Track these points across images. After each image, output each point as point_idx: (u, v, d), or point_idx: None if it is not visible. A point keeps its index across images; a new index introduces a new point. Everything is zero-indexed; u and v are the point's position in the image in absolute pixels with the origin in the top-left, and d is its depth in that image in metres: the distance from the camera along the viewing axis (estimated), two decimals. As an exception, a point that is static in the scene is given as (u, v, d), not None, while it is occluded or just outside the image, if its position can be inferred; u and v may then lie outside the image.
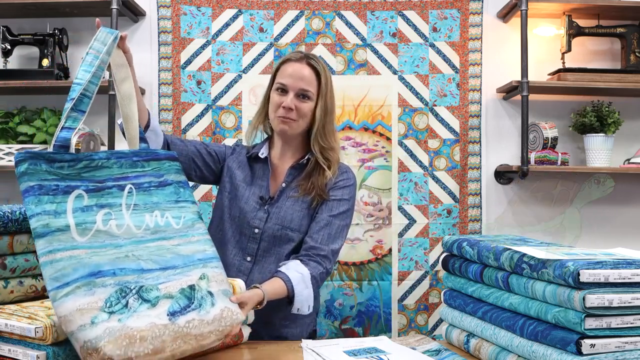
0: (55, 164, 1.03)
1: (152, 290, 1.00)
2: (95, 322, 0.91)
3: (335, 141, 1.62)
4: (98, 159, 1.09)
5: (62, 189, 1.01)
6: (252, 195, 1.63)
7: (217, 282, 1.10)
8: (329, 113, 1.60)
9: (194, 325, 1.01)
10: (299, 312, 1.49)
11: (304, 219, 1.58)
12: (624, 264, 0.95)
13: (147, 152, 1.20)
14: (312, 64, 1.59)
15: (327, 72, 1.61)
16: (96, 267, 0.97)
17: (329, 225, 1.56)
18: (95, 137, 2.43)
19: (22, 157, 1.01)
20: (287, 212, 1.58)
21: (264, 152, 1.67)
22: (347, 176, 1.64)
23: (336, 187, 1.61)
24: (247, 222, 1.60)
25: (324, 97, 1.58)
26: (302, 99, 1.57)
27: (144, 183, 1.14)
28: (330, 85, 1.61)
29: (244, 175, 1.67)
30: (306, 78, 1.57)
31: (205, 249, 1.14)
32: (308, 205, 1.59)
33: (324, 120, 1.59)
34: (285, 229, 1.57)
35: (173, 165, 1.23)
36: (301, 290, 1.46)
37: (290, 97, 1.56)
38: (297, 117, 1.57)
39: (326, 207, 1.59)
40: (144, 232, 1.08)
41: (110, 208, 1.06)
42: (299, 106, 1.56)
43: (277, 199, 1.61)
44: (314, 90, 1.57)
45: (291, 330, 1.58)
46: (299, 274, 1.47)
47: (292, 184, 1.62)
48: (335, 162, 1.61)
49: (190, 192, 1.23)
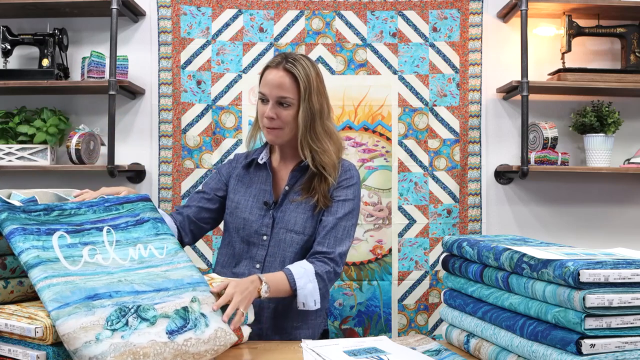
0: (32, 214, 1.09)
1: (150, 310, 1.03)
2: (100, 339, 0.94)
3: (329, 143, 1.57)
4: (69, 209, 1.15)
5: (44, 231, 1.06)
6: (256, 202, 1.62)
7: (208, 305, 1.14)
8: (317, 114, 1.55)
9: (191, 343, 1.04)
10: (305, 307, 1.48)
11: (308, 221, 1.58)
12: (624, 264, 0.95)
13: (118, 198, 1.25)
14: (288, 68, 1.53)
15: (310, 73, 1.54)
16: (92, 290, 1.00)
17: (334, 228, 1.56)
18: (95, 137, 2.43)
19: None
20: (292, 215, 1.58)
21: (263, 158, 1.66)
22: (350, 174, 1.63)
23: (340, 187, 1.60)
24: (255, 231, 1.59)
25: (306, 100, 1.53)
26: (283, 107, 1.54)
27: (120, 224, 1.19)
28: (316, 86, 1.55)
29: (245, 186, 1.66)
30: (283, 85, 1.52)
31: (192, 274, 1.18)
32: (312, 208, 1.58)
33: (309, 123, 1.54)
34: (290, 232, 1.57)
35: (147, 205, 1.27)
36: (304, 283, 1.46)
37: (269, 106, 1.54)
38: (282, 125, 1.55)
39: (331, 209, 1.58)
40: (131, 263, 1.12)
41: (94, 245, 1.11)
42: (280, 114, 1.54)
43: (280, 203, 1.60)
44: (292, 95, 1.53)
45: (303, 331, 1.58)
46: (302, 269, 1.48)
47: (295, 187, 1.61)
48: (330, 166, 1.57)
49: (168, 227, 1.26)
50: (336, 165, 1.59)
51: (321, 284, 1.50)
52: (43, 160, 2.38)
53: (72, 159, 2.34)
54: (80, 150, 2.33)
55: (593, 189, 2.57)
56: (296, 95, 1.53)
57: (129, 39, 2.54)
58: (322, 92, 1.58)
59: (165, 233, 1.23)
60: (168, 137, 2.47)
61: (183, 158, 2.47)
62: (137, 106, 2.55)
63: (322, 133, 1.57)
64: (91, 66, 2.40)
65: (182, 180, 2.47)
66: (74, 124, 2.48)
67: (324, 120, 1.58)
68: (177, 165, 2.47)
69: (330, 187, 1.58)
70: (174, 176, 2.47)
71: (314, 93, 1.54)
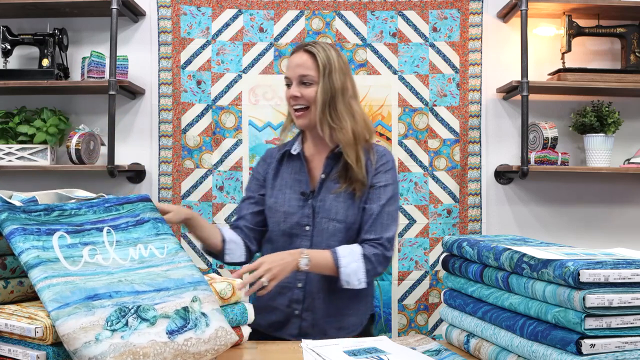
0: (33, 214, 1.09)
1: (150, 310, 1.02)
2: (99, 339, 0.93)
3: (348, 119, 1.58)
4: (70, 209, 1.15)
5: (44, 231, 1.06)
6: (293, 194, 1.65)
7: (209, 303, 1.13)
8: (337, 91, 1.58)
9: (191, 343, 1.04)
10: (349, 285, 1.52)
11: (350, 209, 1.60)
12: (624, 264, 0.95)
13: (118, 198, 1.25)
14: (308, 49, 1.60)
15: (330, 54, 1.59)
16: (92, 290, 1.00)
17: (380, 215, 1.58)
18: (95, 137, 2.43)
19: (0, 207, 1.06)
20: (332, 204, 1.60)
21: (296, 149, 1.69)
22: (386, 159, 1.65)
23: (378, 172, 1.62)
24: (296, 222, 1.62)
25: (325, 77, 1.57)
26: (305, 85, 1.59)
27: (121, 224, 1.19)
28: (338, 65, 1.59)
29: (281, 179, 1.69)
30: (304, 64, 1.59)
31: (193, 274, 1.18)
32: (351, 195, 1.60)
33: (329, 100, 1.57)
34: (333, 221, 1.59)
35: (147, 205, 1.27)
36: (348, 262, 1.51)
37: (293, 86, 1.60)
38: (307, 103, 1.59)
39: (374, 197, 1.60)
40: (131, 263, 1.12)
41: (94, 245, 1.10)
42: (304, 92, 1.59)
43: (318, 192, 1.63)
44: (313, 73, 1.58)
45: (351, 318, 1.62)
46: (348, 249, 1.54)
47: (331, 174, 1.63)
48: (344, 143, 1.57)
49: (168, 227, 1.26)
50: (351, 144, 1.58)
51: (369, 265, 1.53)
52: (43, 160, 2.38)
53: (72, 159, 2.34)
54: (80, 150, 2.33)
55: (593, 189, 2.57)
56: (316, 72, 1.58)
57: (129, 39, 2.54)
58: (345, 72, 1.61)
59: (165, 233, 1.23)
60: (168, 137, 2.47)
61: (183, 158, 2.47)
62: (137, 106, 2.55)
63: (344, 111, 1.59)
64: (91, 66, 2.40)
65: (182, 180, 2.47)
66: (74, 124, 2.48)
67: (347, 98, 1.60)
68: (177, 165, 2.47)
69: (366, 168, 1.60)
70: (174, 176, 2.47)
71: (335, 71, 1.58)
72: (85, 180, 2.48)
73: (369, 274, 1.55)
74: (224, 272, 2.43)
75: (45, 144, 2.37)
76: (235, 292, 1.30)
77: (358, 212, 1.60)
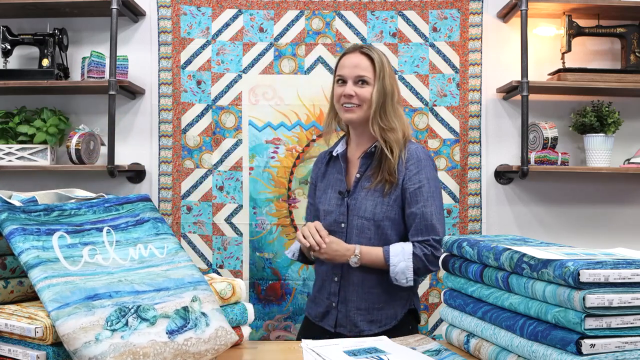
0: (32, 214, 1.09)
1: (150, 310, 1.02)
2: (99, 339, 0.93)
3: (397, 121, 1.68)
4: (69, 209, 1.15)
5: (44, 231, 1.06)
6: (333, 193, 1.75)
7: (209, 303, 1.13)
8: (388, 95, 1.68)
9: (192, 343, 1.04)
10: (398, 282, 1.63)
11: (377, 207, 1.66)
12: (624, 264, 0.95)
13: (118, 198, 1.25)
14: (365, 52, 1.70)
15: (383, 58, 1.71)
16: (92, 290, 1.00)
17: (422, 217, 1.65)
18: (95, 137, 2.43)
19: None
20: (362, 202, 1.68)
21: (337, 150, 1.79)
22: (417, 158, 1.69)
23: (409, 173, 1.67)
24: (334, 220, 1.71)
25: (380, 80, 1.67)
26: (360, 85, 1.68)
27: (120, 224, 1.19)
28: (388, 69, 1.70)
29: (326, 180, 1.81)
30: (361, 65, 1.68)
31: (193, 273, 1.18)
32: (381, 192, 1.67)
33: (382, 102, 1.67)
34: (361, 218, 1.67)
35: (147, 205, 1.27)
36: (397, 261, 1.61)
37: (349, 85, 1.68)
38: (359, 102, 1.68)
39: (410, 201, 1.66)
40: (131, 263, 1.12)
41: (94, 245, 1.10)
42: (358, 92, 1.67)
43: (353, 190, 1.72)
44: (370, 75, 1.68)
45: (385, 312, 1.69)
46: (400, 247, 1.63)
47: (366, 173, 1.71)
48: (395, 143, 1.67)
49: (168, 227, 1.27)
50: (400, 143, 1.68)
51: (420, 264, 1.62)
52: (43, 160, 2.38)
53: (72, 159, 2.34)
54: (80, 150, 2.33)
55: (593, 189, 2.57)
56: (372, 74, 1.68)
57: (129, 39, 2.54)
58: (393, 78, 1.72)
59: (165, 233, 1.23)
60: (168, 137, 2.47)
61: (183, 158, 2.47)
62: (137, 106, 2.55)
63: (392, 113, 1.69)
64: (91, 66, 2.40)
65: (182, 180, 2.47)
66: (74, 124, 2.49)
67: (394, 103, 1.71)
68: (177, 165, 2.47)
69: (395, 164, 1.66)
70: (174, 176, 2.47)
71: (387, 75, 1.69)
72: (85, 180, 2.48)
73: (420, 273, 1.65)
74: (224, 272, 2.43)
75: (45, 144, 2.38)
76: (235, 292, 1.30)
77: (388, 208, 1.67)
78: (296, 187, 2.47)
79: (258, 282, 2.45)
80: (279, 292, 2.44)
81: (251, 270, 2.45)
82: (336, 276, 1.70)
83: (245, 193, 2.46)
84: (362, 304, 1.67)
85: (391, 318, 1.68)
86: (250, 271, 2.45)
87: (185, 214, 2.46)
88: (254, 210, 2.46)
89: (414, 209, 1.65)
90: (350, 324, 1.68)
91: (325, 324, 1.72)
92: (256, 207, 2.46)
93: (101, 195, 1.26)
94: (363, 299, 1.67)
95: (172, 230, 1.28)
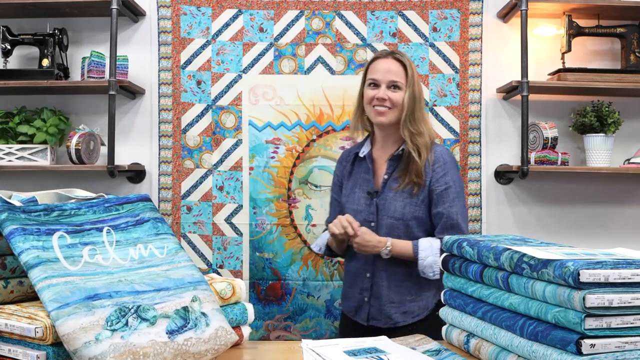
0: (32, 214, 1.09)
1: (150, 310, 1.02)
2: (99, 339, 0.93)
3: (425, 126, 1.77)
4: (69, 209, 1.15)
5: (44, 231, 1.06)
6: (362, 193, 1.82)
7: (209, 303, 1.13)
8: (418, 100, 1.77)
9: (191, 343, 1.04)
10: (425, 275, 1.72)
11: (407, 207, 1.75)
12: (624, 264, 0.95)
13: (118, 198, 1.25)
14: (398, 57, 1.78)
15: (413, 64, 1.80)
16: (92, 290, 1.00)
17: (448, 217, 1.73)
18: (95, 137, 2.43)
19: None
20: (391, 202, 1.76)
21: (364, 151, 1.85)
22: (443, 160, 1.77)
23: (435, 175, 1.75)
24: (364, 219, 1.77)
25: (411, 86, 1.76)
26: (393, 90, 1.76)
27: (120, 224, 1.19)
28: (417, 75, 1.80)
29: (352, 180, 1.87)
30: (393, 70, 1.76)
31: (193, 273, 1.18)
32: (409, 193, 1.75)
33: (412, 107, 1.75)
34: (391, 218, 1.75)
35: (147, 205, 1.27)
36: (425, 256, 1.70)
37: (382, 89, 1.76)
38: (391, 106, 1.76)
39: (437, 202, 1.74)
40: (131, 263, 1.12)
41: (94, 245, 1.11)
42: (391, 96, 1.75)
43: (381, 191, 1.79)
44: (402, 80, 1.76)
45: (416, 304, 1.77)
46: (428, 243, 1.72)
47: (393, 174, 1.79)
48: (423, 147, 1.75)
49: (168, 227, 1.27)
50: (428, 146, 1.77)
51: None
52: (43, 160, 2.38)
53: (72, 159, 2.34)
54: (80, 150, 2.33)
55: (593, 189, 2.57)
56: (404, 80, 1.77)
57: (129, 39, 2.54)
58: (420, 85, 1.82)
59: (165, 233, 1.23)
60: (168, 137, 2.47)
61: (183, 158, 2.47)
62: (137, 106, 2.55)
63: (420, 118, 1.78)
64: (91, 66, 2.40)
65: (182, 180, 2.47)
66: (74, 124, 2.49)
67: (422, 109, 1.80)
68: (177, 165, 2.47)
69: (421, 166, 1.74)
70: (174, 176, 2.47)
71: (416, 82, 1.78)
72: (85, 180, 2.48)
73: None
74: (224, 272, 2.43)
75: (45, 144, 2.38)
76: (235, 292, 1.30)
77: (416, 209, 1.75)
78: (296, 187, 2.47)
79: (258, 282, 2.45)
80: (279, 292, 2.44)
81: (251, 270, 2.45)
82: (368, 272, 1.79)
83: (245, 193, 2.46)
84: (395, 297, 1.76)
85: (423, 309, 1.77)
86: (250, 271, 2.45)
87: (185, 214, 2.46)
88: (254, 210, 2.46)
89: (441, 208, 1.74)
90: (385, 316, 1.77)
91: (358, 317, 1.81)
92: (256, 207, 2.46)
93: (101, 195, 1.26)
94: (395, 292, 1.76)
95: (172, 230, 1.28)
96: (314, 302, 2.43)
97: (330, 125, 2.47)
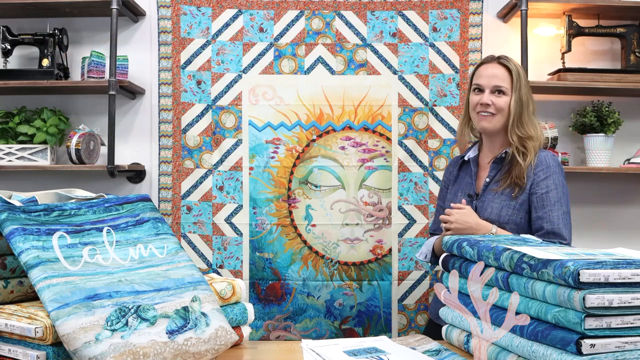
0: (32, 214, 1.09)
1: (150, 310, 1.03)
2: (99, 339, 0.93)
3: (535, 131, 1.74)
4: (69, 209, 1.15)
5: (44, 231, 1.07)
6: (463, 195, 1.82)
7: (209, 303, 1.14)
8: (525, 104, 1.74)
9: (191, 343, 1.04)
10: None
11: (504, 210, 1.71)
12: (624, 264, 0.95)
13: (118, 198, 1.25)
14: (503, 62, 1.76)
15: (520, 69, 1.77)
16: (92, 290, 1.00)
17: (549, 220, 1.67)
18: (95, 137, 2.43)
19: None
20: (488, 204, 1.74)
21: (469, 155, 1.85)
22: (546, 164, 1.72)
23: (538, 177, 1.71)
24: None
25: (517, 90, 1.73)
26: (497, 95, 1.74)
27: (120, 224, 1.19)
28: (524, 80, 1.76)
29: (457, 184, 1.87)
30: (499, 75, 1.74)
31: (193, 273, 1.18)
32: (508, 195, 1.72)
33: (519, 111, 1.72)
34: (486, 220, 1.71)
35: (147, 205, 1.27)
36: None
37: (486, 94, 1.74)
38: (495, 111, 1.74)
39: (538, 204, 1.69)
40: (131, 263, 1.12)
41: (94, 245, 1.11)
42: (495, 101, 1.73)
43: (482, 194, 1.77)
44: (507, 85, 1.74)
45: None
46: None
47: (495, 177, 1.77)
48: (531, 150, 1.72)
49: (168, 227, 1.27)
50: (537, 150, 1.74)
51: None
52: (43, 160, 2.38)
53: (72, 159, 2.34)
54: (80, 150, 2.33)
55: (593, 189, 2.57)
56: (509, 85, 1.74)
57: (129, 39, 2.54)
58: (528, 88, 1.78)
59: (165, 233, 1.23)
60: (168, 137, 2.47)
61: (183, 158, 2.47)
62: (137, 106, 2.55)
63: (529, 122, 1.74)
64: (91, 66, 2.41)
65: (182, 180, 2.47)
66: (74, 124, 2.49)
67: (530, 114, 1.76)
68: (177, 165, 2.47)
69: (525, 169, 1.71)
70: (174, 176, 2.47)
71: (523, 86, 1.74)
72: (85, 180, 2.48)
73: None
74: (224, 272, 2.43)
75: (45, 144, 2.38)
76: (235, 292, 1.30)
77: (514, 212, 1.71)
78: (296, 187, 2.47)
79: (258, 282, 2.45)
80: (279, 292, 2.44)
81: (251, 270, 2.45)
82: None
83: (245, 193, 2.46)
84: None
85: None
86: (250, 271, 2.45)
87: (185, 214, 2.46)
88: (254, 210, 2.46)
89: (541, 213, 1.69)
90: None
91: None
92: (256, 207, 2.46)
93: (101, 195, 1.26)
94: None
95: (172, 230, 1.28)
96: (314, 302, 2.44)
97: (330, 125, 2.47)
